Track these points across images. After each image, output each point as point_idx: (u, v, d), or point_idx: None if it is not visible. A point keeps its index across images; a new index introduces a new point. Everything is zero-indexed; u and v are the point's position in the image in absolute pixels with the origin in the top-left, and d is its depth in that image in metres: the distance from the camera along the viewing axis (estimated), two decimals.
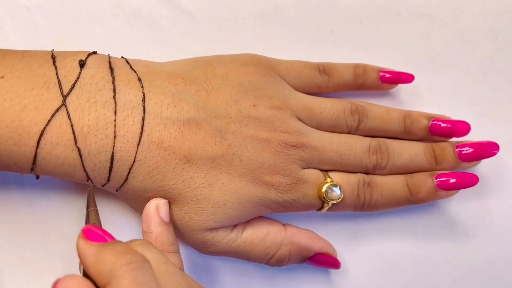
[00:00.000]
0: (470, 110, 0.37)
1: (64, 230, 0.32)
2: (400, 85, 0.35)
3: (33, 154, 0.26)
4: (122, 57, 0.31)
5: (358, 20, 0.37)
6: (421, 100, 0.37)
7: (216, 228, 0.30)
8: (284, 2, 0.36)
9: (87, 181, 0.28)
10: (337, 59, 0.35)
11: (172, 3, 0.35)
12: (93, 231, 0.23)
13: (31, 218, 0.32)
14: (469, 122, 0.34)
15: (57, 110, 0.26)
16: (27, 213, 0.32)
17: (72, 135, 0.27)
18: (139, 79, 0.29)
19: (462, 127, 0.33)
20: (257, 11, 0.36)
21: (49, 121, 0.26)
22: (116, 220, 0.33)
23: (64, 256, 0.32)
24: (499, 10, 0.38)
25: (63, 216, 0.32)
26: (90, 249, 0.22)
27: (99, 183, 0.28)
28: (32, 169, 0.27)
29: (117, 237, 0.32)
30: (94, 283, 0.21)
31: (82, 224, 0.33)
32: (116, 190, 0.29)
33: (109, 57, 0.30)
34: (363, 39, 0.37)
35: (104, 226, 0.32)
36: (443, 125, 0.33)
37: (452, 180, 0.32)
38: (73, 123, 0.26)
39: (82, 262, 0.22)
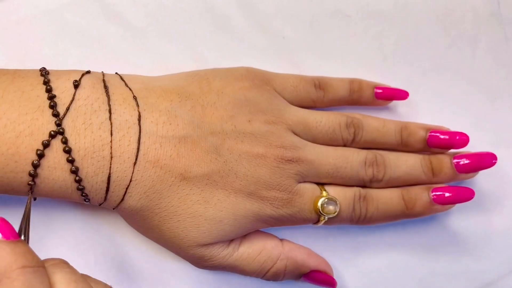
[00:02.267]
0: (425, 108, 0.37)
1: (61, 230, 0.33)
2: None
3: (30, 180, 0.26)
4: (116, 73, 0.31)
5: (308, 24, 0.36)
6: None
7: (212, 244, 0.30)
8: (234, 12, 0.36)
9: (84, 201, 0.28)
10: (290, 65, 0.36)
11: (120, 19, 0.35)
12: (4, 228, 0.22)
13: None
14: (424, 119, 0.35)
15: (53, 135, 0.26)
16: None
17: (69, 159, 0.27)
18: (135, 97, 0.29)
19: (461, 138, 0.33)
20: (206, 22, 0.36)
21: (45, 147, 0.26)
22: (117, 227, 0.33)
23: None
24: (450, 5, 0.38)
25: (60, 216, 0.33)
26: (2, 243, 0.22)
27: (96, 203, 0.29)
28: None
29: (113, 244, 0.33)
30: None
31: (78, 226, 0.33)
32: (113, 208, 0.29)
33: (103, 75, 0.30)
34: (314, 42, 0.37)
35: (102, 233, 0.33)
36: (441, 136, 0.33)
37: (448, 194, 0.32)
38: (69, 146, 0.27)
39: None
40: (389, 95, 0.35)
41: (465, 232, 0.36)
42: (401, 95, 0.35)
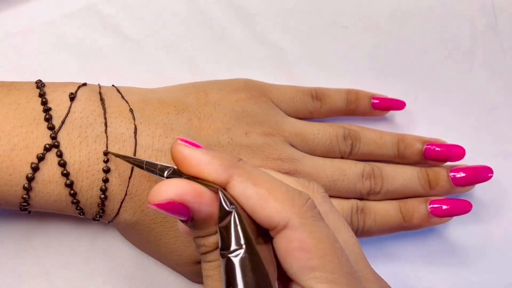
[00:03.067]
0: (422, 118, 0.37)
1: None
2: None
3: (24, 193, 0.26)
4: (112, 85, 0.31)
5: (305, 36, 0.37)
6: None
7: None
8: (231, 23, 0.36)
9: (79, 215, 0.28)
10: (287, 76, 0.36)
11: (118, 31, 0.35)
12: (189, 141, 0.22)
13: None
14: (421, 130, 0.35)
15: (48, 148, 0.26)
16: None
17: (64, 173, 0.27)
18: (131, 110, 0.29)
19: (457, 151, 0.33)
20: (204, 34, 0.36)
21: (40, 160, 0.26)
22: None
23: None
24: (446, 17, 0.38)
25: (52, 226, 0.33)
26: (200, 150, 0.21)
27: (91, 216, 0.28)
28: None
29: (109, 257, 0.33)
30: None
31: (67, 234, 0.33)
32: (108, 222, 0.29)
33: (100, 87, 0.29)
34: (312, 53, 0.37)
35: (98, 246, 0.33)
36: (438, 149, 0.33)
37: (445, 207, 0.32)
38: (64, 160, 0.26)
39: (191, 165, 0.21)
40: (386, 106, 0.35)
41: (464, 244, 0.36)
42: (398, 105, 0.35)
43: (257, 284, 0.19)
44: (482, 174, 0.33)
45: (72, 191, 0.27)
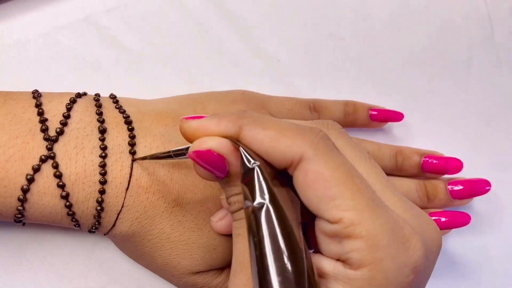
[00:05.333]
0: (420, 130, 0.37)
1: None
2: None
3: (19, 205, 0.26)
4: (110, 95, 0.30)
5: (303, 47, 0.37)
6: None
7: (205, 271, 0.29)
8: (229, 36, 0.36)
9: (75, 227, 0.28)
10: (285, 88, 0.36)
11: (115, 43, 0.35)
12: (192, 116, 0.23)
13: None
14: (419, 142, 0.35)
15: (44, 160, 0.26)
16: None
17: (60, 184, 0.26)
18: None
19: (455, 164, 0.33)
20: (201, 46, 0.36)
21: (35, 171, 0.26)
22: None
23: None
24: (443, 29, 0.38)
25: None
26: (206, 117, 0.23)
27: (86, 228, 0.28)
28: None
29: (105, 270, 0.32)
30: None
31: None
32: (104, 234, 0.29)
33: (97, 97, 0.29)
34: (309, 65, 0.37)
35: (94, 259, 0.32)
36: (435, 162, 0.33)
37: (444, 219, 0.32)
38: (60, 171, 0.26)
39: (203, 132, 0.22)
40: (384, 117, 0.35)
41: (462, 256, 0.36)
42: (396, 117, 0.35)
43: (281, 233, 0.19)
44: (479, 187, 0.33)
45: (67, 203, 0.26)
